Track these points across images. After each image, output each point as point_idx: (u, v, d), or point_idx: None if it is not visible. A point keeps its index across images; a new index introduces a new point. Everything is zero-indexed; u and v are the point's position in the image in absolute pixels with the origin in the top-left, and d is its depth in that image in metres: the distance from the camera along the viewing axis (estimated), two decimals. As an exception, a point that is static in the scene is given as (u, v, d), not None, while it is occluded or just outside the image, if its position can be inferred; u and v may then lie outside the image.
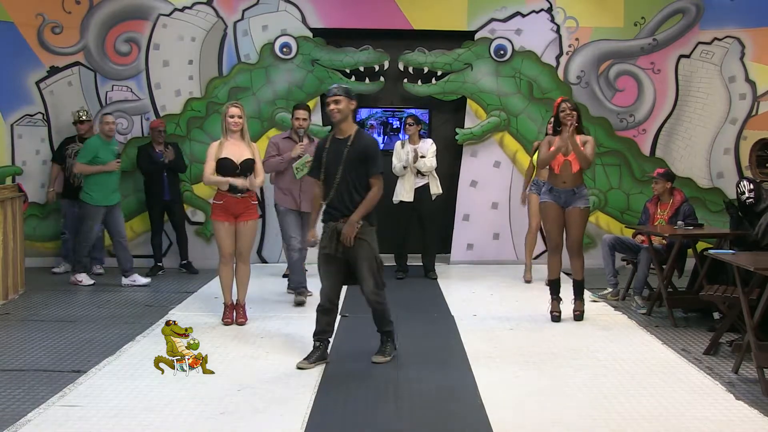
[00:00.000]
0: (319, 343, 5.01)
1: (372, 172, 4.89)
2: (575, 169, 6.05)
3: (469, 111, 8.91)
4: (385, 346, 5.10)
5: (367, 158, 4.87)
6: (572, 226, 6.08)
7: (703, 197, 8.84)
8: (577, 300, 6.21)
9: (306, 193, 6.56)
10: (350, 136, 4.92)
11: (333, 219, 4.91)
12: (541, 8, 8.83)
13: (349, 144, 4.89)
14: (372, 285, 4.89)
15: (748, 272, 4.75)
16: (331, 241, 4.87)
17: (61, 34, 8.69)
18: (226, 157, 5.87)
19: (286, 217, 6.72)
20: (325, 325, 5.03)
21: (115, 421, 3.97)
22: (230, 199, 5.87)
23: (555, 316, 6.17)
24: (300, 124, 6.76)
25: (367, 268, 4.88)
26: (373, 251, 4.90)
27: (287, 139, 6.80)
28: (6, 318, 6.27)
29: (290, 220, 6.69)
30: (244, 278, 6.08)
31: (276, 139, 6.89)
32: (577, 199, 6.07)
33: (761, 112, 8.85)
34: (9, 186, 7.32)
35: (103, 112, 8.31)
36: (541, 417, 4.06)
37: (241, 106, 6.09)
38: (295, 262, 6.74)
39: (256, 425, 3.95)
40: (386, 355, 5.05)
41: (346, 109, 4.89)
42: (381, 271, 4.96)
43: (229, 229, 5.91)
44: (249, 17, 8.77)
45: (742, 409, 4.19)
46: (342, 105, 4.87)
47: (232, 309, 6.07)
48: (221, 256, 5.98)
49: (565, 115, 6.03)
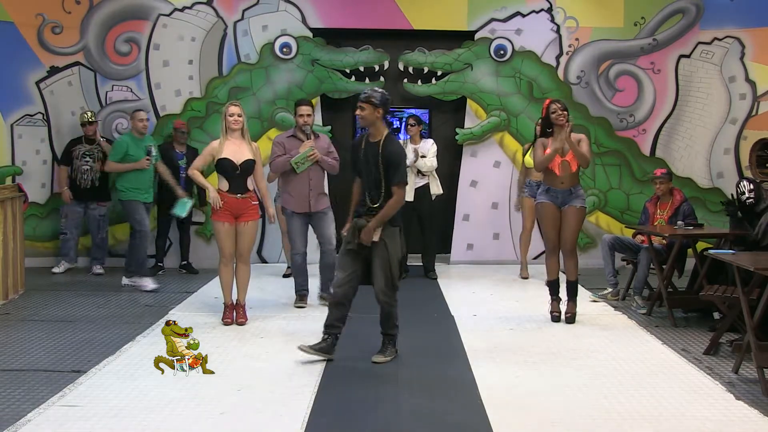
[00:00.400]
0: (326, 336, 5.05)
1: (394, 181, 4.95)
2: (573, 169, 6.05)
3: (469, 111, 8.91)
4: (386, 347, 5.12)
5: (390, 166, 4.95)
6: (567, 225, 6.05)
7: (703, 197, 8.83)
8: (570, 302, 6.17)
9: (315, 190, 6.48)
10: (380, 141, 5.01)
11: (358, 216, 5.04)
12: (541, 8, 8.83)
13: (379, 149, 4.98)
14: (382, 284, 4.93)
15: (748, 272, 4.75)
16: (354, 237, 4.98)
17: (61, 34, 8.68)
18: (226, 157, 5.86)
19: (293, 223, 6.54)
20: (335, 320, 5.05)
21: (115, 421, 3.97)
22: (231, 199, 5.87)
23: (555, 316, 6.17)
24: (305, 121, 6.55)
25: (380, 267, 4.92)
26: (390, 252, 4.93)
27: (292, 137, 6.60)
28: (6, 318, 6.27)
29: (296, 226, 6.52)
30: (245, 279, 6.08)
31: (280, 139, 6.68)
32: (573, 198, 6.06)
33: (761, 112, 8.85)
34: (9, 186, 7.31)
35: (134, 108, 8.20)
36: (541, 417, 4.06)
37: (240, 105, 6.09)
38: (298, 266, 6.63)
39: (256, 425, 3.95)
40: (386, 356, 5.07)
41: (370, 116, 4.97)
42: (396, 272, 4.97)
43: (229, 229, 5.90)
44: (249, 17, 8.77)
45: (742, 409, 4.19)
46: (365, 112, 4.97)
47: (232, 309, 6.07)
48: (222, 257, 5.98)
49: (557, 116, 6.01)
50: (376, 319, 5.73)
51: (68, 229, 8.34)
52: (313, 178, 6.46)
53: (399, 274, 5.02)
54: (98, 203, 8.29)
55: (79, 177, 8.15)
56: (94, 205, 8.28)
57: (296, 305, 6.63)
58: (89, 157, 8.16)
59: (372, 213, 4.96)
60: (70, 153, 8.22)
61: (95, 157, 8.16)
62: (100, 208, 8.31)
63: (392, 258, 4.93)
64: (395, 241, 4.98)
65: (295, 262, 6.64)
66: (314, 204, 6.48)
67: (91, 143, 8.23)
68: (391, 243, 4.95)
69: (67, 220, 8.32)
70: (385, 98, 5.01)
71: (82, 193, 8.18)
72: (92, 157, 8.16)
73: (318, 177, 6.54)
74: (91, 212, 8.29)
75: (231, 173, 5.87)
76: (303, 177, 6.43)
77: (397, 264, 4.99)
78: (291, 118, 8.71)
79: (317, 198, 6.51)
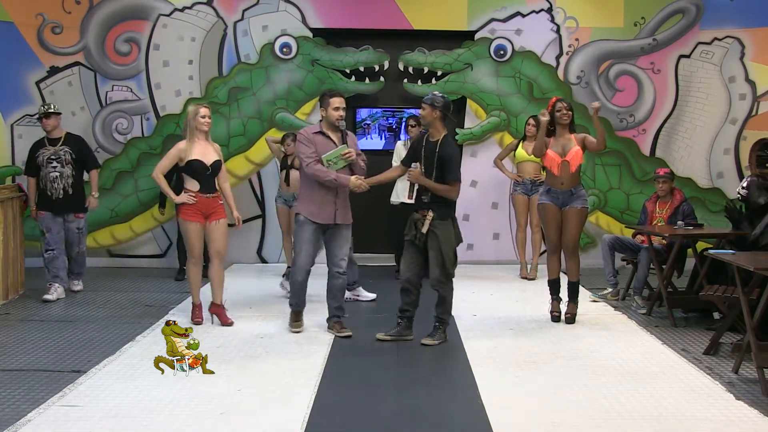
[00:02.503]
0: (400, 320, 5.56)
1: (447, 179, 5.39)
2: (573, 170, 6.03)
3: (469, 111, 8.91)
4: (436, 331, 5.51)
5: (444, 164, 5.37)
6: (568, 226, 6.05)
7: (703, 197, 8.83)
8: (570, 302, 6.16)
9: (343, 198, 5.65)
10: (438, 141, 5.44)
11: (415, 210, 5.47)
12: (541, 8, 8.83)
13: (436, 147, 5.41)
14: (437, 274, 5.38)
15: (748, 272, 4.75)
16: (411, 229, 5.44)
17: (61, 34, 8.68)
18: (197, 158, 5.86)
19: (305, 232, 5.60)
20: (405, 305, 5.54)
21: (115, 421, 3.97)
22: (203, 199, 5.87)
23: (555, 316, 6.17)
24: (341, 115, 5.62)
25: (434, 258, 5.36)
26: (443, 244, 5.34)
27: (320, 134, 5.63)
28: (6, 318, 6.27)
29: (308, 237, 5.60)
30: (221, 278, 6.04)
31: (308, 137, 5.61)
32: (575, 199, 6.05)
33: (761, 112, 8.85)
34: (9, 186, 7.31)
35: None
36: (541, 417, 4.06)
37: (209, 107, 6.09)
38: (298, 285, 5.73)
39: (256, 425, 3.94)
40: (435, 339, 5.47)
41: (428, 115, 5.45)
42: (450, 262, 5.39)
43: (200, 229, 5.90)
44: (249, 17, 8.77)
45: (742, 409, 4.20)
46: (425, 112, 5.47)
47: (201, 308, 6.05)
48: (191, 257, 5.96)
49: (561, 114, 6.02)
50: (376, 319, 5.78)
51: (54, 245, 7.00)
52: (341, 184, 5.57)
53: (454, 262, 5.43)
54: (75, 215, 7.09)
55: (49, 186, 6.91)
56: (71, 218, 7.07)
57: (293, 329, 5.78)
58: (56, 161, 6.93)
59: (424, 207, 5.39)
60: (34, 160, 6.99)
61: (63, 161, 6.94)
62: (77, 221, 7.10)
63: (444, 248, 5.33)
64: (448, 231, 5.38)
65: (295, 280, 5.71)
66: (340, 216, 5.63)
67: (55, 144, 6.99)
68: (443, 234, 5.35)
69: (51, 235, 6.99)
70: (446, 102, 5.49)
71: (54, 205, 6.94)
72: (59, 161, 6.94)
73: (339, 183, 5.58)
74: (69, 225, 7.07)
75: (202, 174, 5.87)
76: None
77: (451, 254, 5.39)
78: (291, 118, 8.73)
79: (344, 209, 5.67)
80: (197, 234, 5.89)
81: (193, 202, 5.82)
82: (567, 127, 6.07)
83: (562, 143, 6.05)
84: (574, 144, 6.03)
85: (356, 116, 9.08)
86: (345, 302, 5.90)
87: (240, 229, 6.25)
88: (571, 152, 6.01)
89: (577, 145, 6.03)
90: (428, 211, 5.35)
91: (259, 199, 8.90)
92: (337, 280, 5.71)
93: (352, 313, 6.20)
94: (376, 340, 5.49)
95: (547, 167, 6.15)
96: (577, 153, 6.01)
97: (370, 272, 7.99)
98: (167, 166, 5.96)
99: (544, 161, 6.18)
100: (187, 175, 5.90)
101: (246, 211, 8.80)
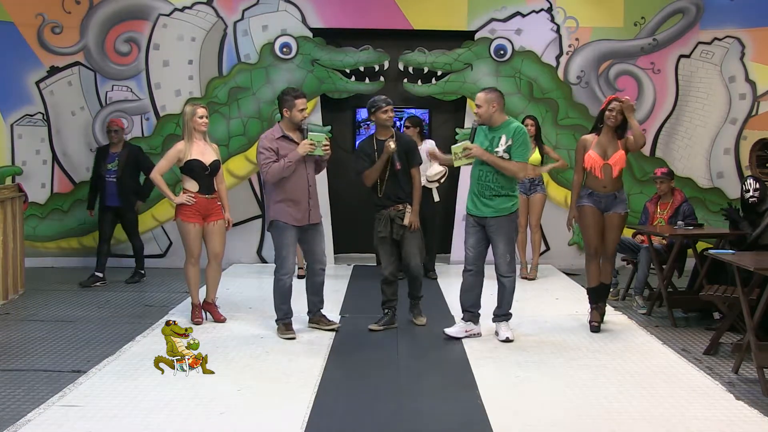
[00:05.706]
0: (387, 311, 5.89)
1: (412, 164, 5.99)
2: (616, 173, 5.79)
3: (469, 111, 8.89)
4: (417, 308, 6.05)
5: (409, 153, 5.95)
6: (611, 232, 5.81)
7: (703, 197, 8.84)
8: (600, 302, 5.93)
9: (315, 198, 5.64)
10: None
11: (384, 207, 5.82)
12: (541, 8, 8.83)
13: None
14: (419, 259, 5.91)
15: (748, 272, 4.75)
16: (386, 226, 5.81)
17: (61, 34, 8.69)
18: (196, 158, 5.86)
19: (286, 237, 5.56)
20: (390, 295, 5.89)
21: (115, 421, 3.97)
22: (202, 199, 5.88)
23: (594, 326, 5.86)
24: (305, 116, 5.63)
25: (416, 246, 5.86)
26: (420, 232, 5.91)
27: (283, 139, 5.55)
28: (6, 318, 6.27)
29: (290, 242, 5.58)
30: (217, 278, 6.12)
31: (268, 143, 5.51)
32: (617, 204, 5.82)
33: (761, 112, 8.85)
34: (9, 186, 7.31)
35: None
36: (541, 417, 4.06)
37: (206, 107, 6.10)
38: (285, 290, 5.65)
39: (256, 425, 3.94)
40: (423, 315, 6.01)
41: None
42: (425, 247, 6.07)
43: (199, 230, 5.91)
44: (249, 17, 8.77)
45: (742, 409, 4.19)
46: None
47: (200, 308, 6.08)
48: (190, 257, 5.97)
49: (609, 114, 5.73)
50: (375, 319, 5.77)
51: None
52: (312, 184, 5.62)
53: None
54: None
55: None
56: None
57: (285, 336, 5.60)
58: None
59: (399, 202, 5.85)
60: None
61: None
62: None
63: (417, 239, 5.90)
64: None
65: (283, 284, 5.61)
66: (313, 215, 5.64)
67: None
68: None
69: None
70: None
71: None
72: None
73: (315, 183, 5.68)
74: None
75: (201, 174, 5.88)
76: (302, 183, 5.54)
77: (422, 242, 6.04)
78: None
79: (315, 208, 5.68)
80: (196, 235, 5.90)
81: (192, 203, 5.83)
82: (614, 130, 5.78)
83: (605, 145, 5.78)
84: (618, 147, 5.78)
85: (356, 116, 9.08)
86: None
87: (229, 230, 6.19)
88: (615, 156, 5.75)
89: (621, 148, 5.78)
90: (406, 205, 5.80)
91: (258, 199, 8.90)
92: (320, 276, 5.81)
93: (351, 312, 6.20)
94: (369, 330, 5.76)
95: (588, 169, 5.85)
96: (620, 157, 5.76)
97: (370, 272, 7.99)
98: (166, 167, 5.97)
99: (585, 162, 5.83)
100: (186, 176, 5.91)
101: (246, 211, 8.83)
